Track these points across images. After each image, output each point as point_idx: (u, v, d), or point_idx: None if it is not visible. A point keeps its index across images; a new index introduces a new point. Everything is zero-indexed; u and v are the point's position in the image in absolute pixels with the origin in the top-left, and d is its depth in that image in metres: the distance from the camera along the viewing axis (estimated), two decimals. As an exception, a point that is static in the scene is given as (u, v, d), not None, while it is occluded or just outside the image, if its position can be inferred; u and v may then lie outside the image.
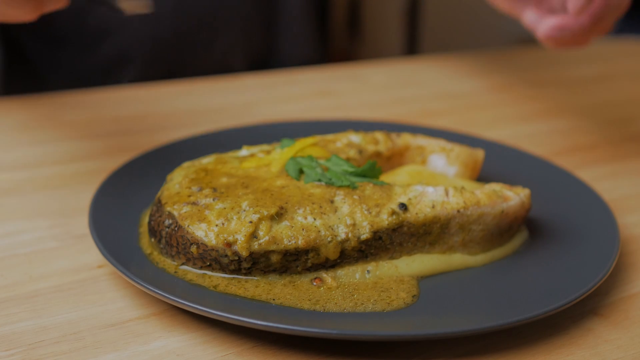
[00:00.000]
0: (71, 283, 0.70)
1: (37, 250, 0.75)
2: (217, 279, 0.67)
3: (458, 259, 0.72)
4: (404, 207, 0.70)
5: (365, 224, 0.69)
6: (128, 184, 0.82)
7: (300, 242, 0.67)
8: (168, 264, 0.69)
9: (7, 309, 0.66)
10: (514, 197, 0.74)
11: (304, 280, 0.68)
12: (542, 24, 0.89)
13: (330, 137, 0.84)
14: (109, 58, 1.36)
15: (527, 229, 0.79)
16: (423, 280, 0.70)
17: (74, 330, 0.64)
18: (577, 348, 0.64)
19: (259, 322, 0.60)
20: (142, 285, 0.64)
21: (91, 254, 0.75)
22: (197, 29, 1.38)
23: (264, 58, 1.49)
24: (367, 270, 0.69)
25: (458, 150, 0.85)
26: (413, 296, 0.67)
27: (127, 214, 0.77)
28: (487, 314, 0.65)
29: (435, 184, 0.80)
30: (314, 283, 0.68)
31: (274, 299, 0.65)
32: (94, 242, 0.70)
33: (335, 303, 0.65)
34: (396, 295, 0.67)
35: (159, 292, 0.63)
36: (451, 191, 0.73)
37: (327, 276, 0.68)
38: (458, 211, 0.71)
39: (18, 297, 0.68)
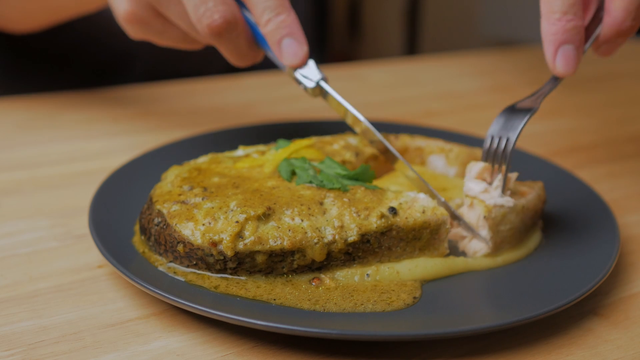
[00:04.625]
0: (71, 283, 0.70)
1: (37, 250, 0.75)
2: (217, 279, 0.67)
3: (461, 264, 0.71)
4: (393, 211, 0.69)
5: (353, 226, 0.68)
6: (128, 184, 0.82)
7: (286, 243, 0.66)
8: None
9: (7, 309, 0.66)
10: (530, 191, 0.75)
11: (303, 280, 0.68)
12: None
13: (327, 138, 0.84)
14: (111, 58, 1.35)
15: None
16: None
17: (74, 330, 0.64)
18: (577, 348, 0.64)
19: (259, 322, 0.60)
20: (142, 285, 0.63)
21: (91, 254, 0.75)
22: None
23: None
24: (367, 274, 0.69)
25: (457, 150, 0.85)
26: (414, 297, 0.67)
27: (127, 214, 0.76)
28: (487, 314, 0.65)
29: (437, 185, 0.80)
30: (313, 283, 0.67)
31: (274, 299, 0.65)
32: (94, 242, 0.69)
33: (335, 303, 0.65)
34: (397, 296, 0.67)
35: (159, 292, 0.63)
36: (466, 201, 0.73)
37: (325, 277, 0.68)
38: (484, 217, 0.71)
39: (18, 297, 0.68)
